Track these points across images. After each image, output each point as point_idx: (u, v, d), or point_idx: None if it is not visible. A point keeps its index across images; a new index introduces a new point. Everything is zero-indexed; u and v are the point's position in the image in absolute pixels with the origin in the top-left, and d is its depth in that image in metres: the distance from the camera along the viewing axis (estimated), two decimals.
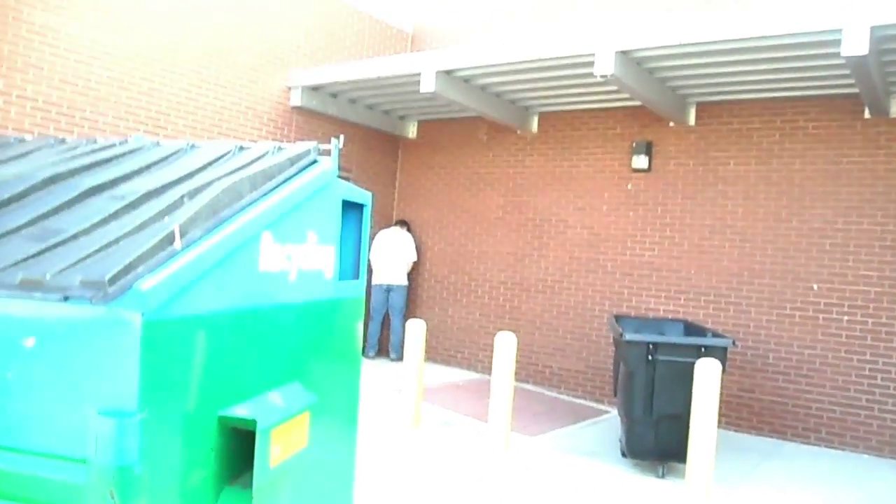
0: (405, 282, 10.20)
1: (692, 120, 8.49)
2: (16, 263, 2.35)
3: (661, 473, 6.04)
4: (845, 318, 7.43)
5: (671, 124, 8.57)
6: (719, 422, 5.57)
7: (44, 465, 2.20)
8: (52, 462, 2.19)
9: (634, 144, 8.78)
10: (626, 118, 8.94)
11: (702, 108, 8.44)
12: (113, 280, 2.12)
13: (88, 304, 2.14)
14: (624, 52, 6.94)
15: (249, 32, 8.66)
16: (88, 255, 2.33)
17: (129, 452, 2.10)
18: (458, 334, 10.27)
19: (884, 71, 6.56)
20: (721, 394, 5.51)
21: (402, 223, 10.51)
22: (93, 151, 3.48)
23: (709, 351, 5.81)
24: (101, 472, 2.08)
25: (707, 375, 5.39)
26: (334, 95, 9.61)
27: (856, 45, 5.67)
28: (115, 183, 2.98)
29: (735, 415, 7.89)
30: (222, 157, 3.30)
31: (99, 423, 2.09)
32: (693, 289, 8.35)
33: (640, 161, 8.72)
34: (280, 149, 3.30)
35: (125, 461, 2.09)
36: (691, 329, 7.06)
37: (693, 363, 5.55)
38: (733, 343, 6.04)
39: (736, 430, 7.82)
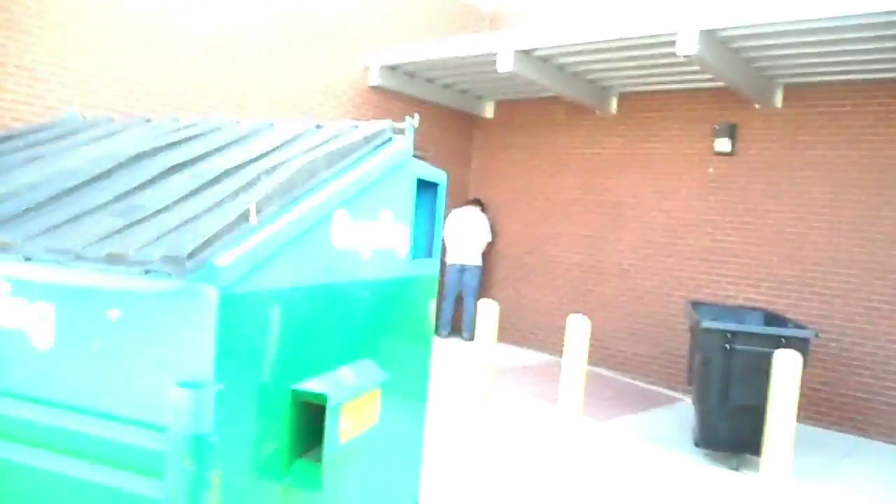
0: (479, 262, 10.20)
1: (779, 102, 8.19)
2: (101, 238, 2.44)
3: (734, 465, 5.90)
4: None
5: (757, 106, 8.28)
6: (798, 415, 5.40)
7: (126, 430, 2.29)
8: (134, 428, 2.28)
9: (717, 127, 8.53)
10: (708, 100, 8.69)
11: (790, 90, 8.13)
12: (191, 255, 2.18)
13: (168, 278, 2.20)
14: (708, 32, 6.73)
15: (328, 13, 8.74)
16: (169, 231, 2.40)
17: (205, 422, 2.16)
18: (531, 316, 10.22)
19: None
20: (801, 387, 5.34)
21: (477, 202, 10.49)
22: (176, 130, 3.58)
23: (789, 342, 5.63)
24: (177, 440, 2.15)
25: (786, 367, 5.23)
26: (411, 75, 9.64)
27: None
28: (196, 160, 3.06)
29: (815, 409, 7.64)
30: (299, 135, 3.34)
31: (177, 393, 2.16)
32: (774, 277, 8.09)
33: (723, 144, 8.47)
34: (356, 127, 3.33)
35: (201, 430, 2.16)
36: (771, 319, 6.85)
37: (772, 354, 5.39)
38: (816, 335, 5.83)
39: (815, 425, 7.57)
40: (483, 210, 10.45)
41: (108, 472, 2.32)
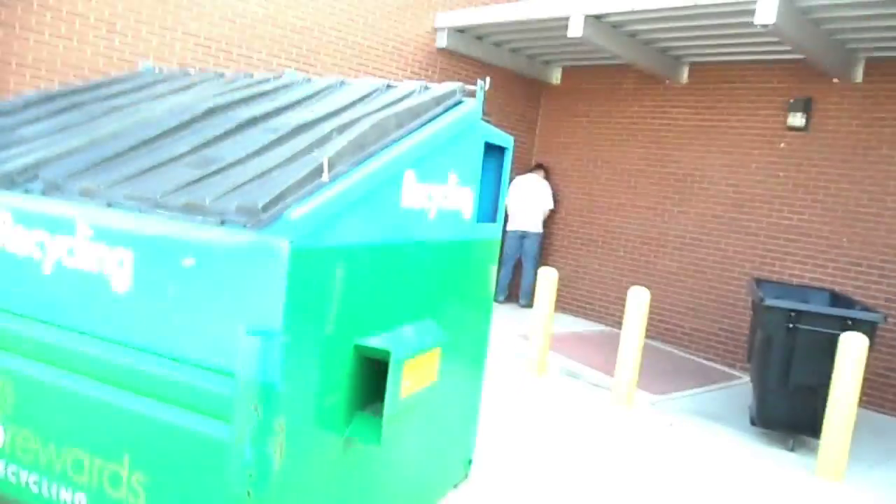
0: (540, 229, 10.14)
1: (859, 77, 7.88)
2: (178, 188, 2.52)
3: (790, 446, 5.82)
4: None
5: (835, 81, 8.00)
6: (860, 400, 5.28)
7: (196, 374, 2.38)
8: (204, 372, 2.37)
9: (792, 101, 8.27)
10: (784, 73, 8.42)
11: (872, 64, 7.82)
12: (265, 208, 2.23)
13: (243, 230, 2.27)
14: (789, 1, 6.50)
15: None
16: (244, 184, 2.46)
17: (273, 371, 2.24)
18: (589, 286, 10.17)
19: None
20: (865, 371, 5.22)
21: (540, 167, 10.41)
22: (249, 86, 3.64)
23: (856, 324, 5.49)
24: (245, 386, 2.23)
25: (852, 350, 5.11)
26: (480, 38, 9.56)
27: None
28: (269, 116, 3.12)
29: (878, 394, 7.46)
30: (370, 94, 3.37)
31: (246, 341, 2.23)
32: (844, 257, 7.87)
33: (797, 119, 8.22)
34: (426, 88, 3.34)
35: (268, 378, 2.23)
36: (838, 300, 6.68)
37: (837, 336, 5.27)
38: (884, 319, 5.68)
39: (878, 411, 7.40)
40: (546, 175, 10.36)
41: (178, 413, 2.42)
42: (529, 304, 9.20)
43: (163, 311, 2.46)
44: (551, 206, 10.22)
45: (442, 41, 9.27)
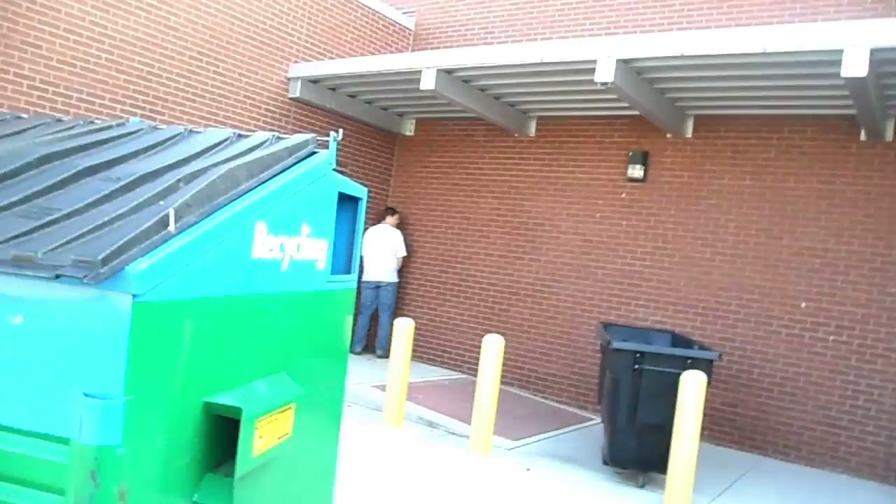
0: (395, 279, 10.19)
1: (689, 132, 8.52)
2: (7, 240, 2.33)
3: (640, 483, 6.05)
4: (831, 337, 7.47)
5: (668, 136, 8.60)
6: (701, 434, 5.59)
7: (29, 443, 2.19)
8: (38, 441, 2.18)
9: (631, 154, 8.81)
10: (624, 127, 8.97)
11: (700, 120, 8.48)
12: (106, 260, 2.11)
13: (80, 284, 2.12)
14: (625, 61, 6.95)
15: (251, 21, 8.64)
16: (81, 235, 2.32)
17: (114, 434, 2.09)
18: (445, 334, 10.26)
19: (882, 94, 6.60)
20: (705, 406, 5.53)
21: (391, 210, 10.47)
22: (89, 132, 3.46)
23: (695, 363, 5.83)
24: (83, 453, 2.07)
25: (692, 387, 5.41)
26: (333, 89, 9.60)
27: (856, 66, 5.69)
28: (111, 164, 2.96)
29: (717, 428, 7.92)
30: (220, 143, 3.29)
31: (85, 405, 2.08)
32: (682, 300, 8.37)
33: (636, 171, 8.75)
34: (278, 138, 3.29)
35: (109, 442, 2.09)
36: (678, 340, 7.08)
37: (679, 374, 5.57)
38: (719, 357, 6.06)
39: (717, 444, 7.85)
40: (399, 219, 10.43)
41: (10, 490, 2.21)
42: (386, 355, 9.17)
43: None
44: (404, 253, 10.29)
45: (295, 91, 9.24)
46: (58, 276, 2.13)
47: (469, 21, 10.54)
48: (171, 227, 2.32)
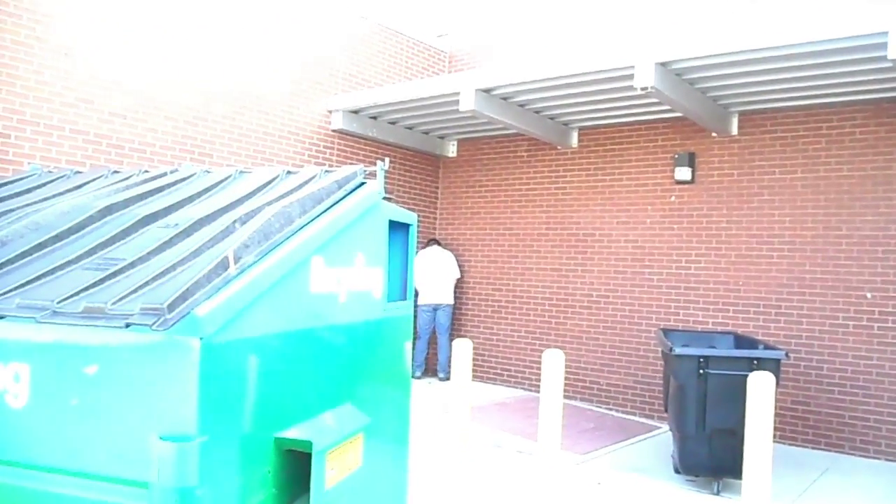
0: (451, 300, 10.19)
1: (735, 130, 8.39)
2: (77, 293, 2.42)
3: (716, 490, 5.92)
4: None
5: (713, 135, 8.48)
6: (774, 436, 5.45)
7: (108, 489, 2.25)
8: (116, 486, 2.24)
9: (677, 156, 8.70)
10: (667, 130, 8.88)
11: (744, 117, 8.34)
12: (172, 306, 2.17)
13: (149, 331, 2.18)
14: (663, 64, 6.90)
15: (290, 58, 8.80)
16: (146, 283, 2.39)
17: (190, 475, 2.13)
18: (504, 352, 10.23)
19: None
20: (775, 407, 5.40)
21: (435, 241, 10.52)
22: (145, 181, 3.57)
23: (761, 363, 5.70)
24: (163, 495, 2.12)
25: (761, 389, 5.28)
26: (374, 118, 9.71)
27: None
28: (168, 211, 3.05)
29: (790, 429, 7.71)
30: (271, 181, 3.35)
31: (160, 448, 2.13)
32: (742, 301, 8.21)
33: (683, 173, 8.63)
34: (327, 172, 3.35)
35: (186, 484, 2.13)
36: (742, 341, 6.93)
37: (746, 376, 5.44)
38: (786, 355, 5.92)
39: (791, 444, 7.64)
40: (443, 248, 10.48)
41: None
42: (448, 377, 9.16)
43: (66, 425, 2.32)
44: (458, 274, 10.31)
45: (337, 123, 9.37)
46: (128, 325, 2.20)
47: (503, 37, 10.57)
48: (232, 269, 2.37)
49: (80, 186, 3.61)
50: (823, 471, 6.75)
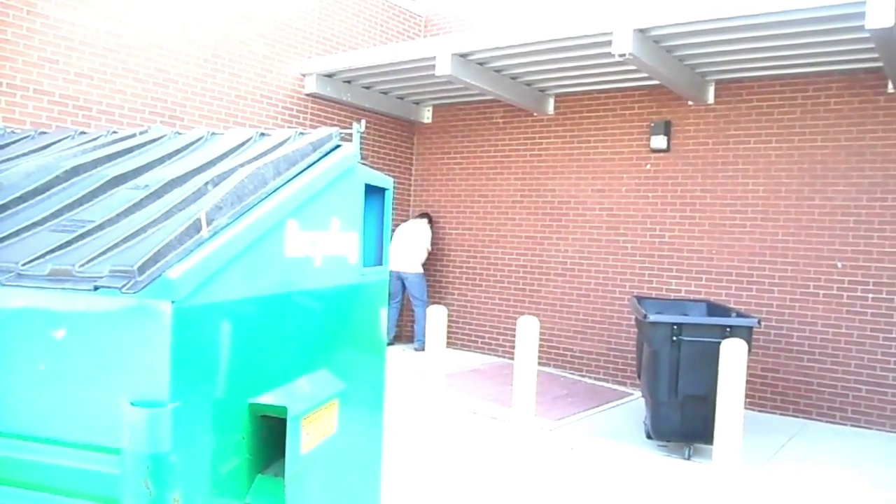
0: (419, 269, 10.09)
1: (711, 98, 8.38)
2: (43, 255, 2.34)
3: (687, 455, 6.00)
4: (870, 296, 7.34)
5: (690, 103, 8.47)
6: (744, 402, 5.52)
7: (79, 455, 2.20)
8: (87, 452, 2.19)
9: (653, 125, 8.69)
10: (643, 98, 8.85)
11: (721, 86, 8.33)
12: (142, 269, 2.10)
13: (118, 294, 2.12)
14: (642, 31, 6.85)
15: (262, 20, 8.62)
16: (116, 245, 2.32)
17: (163, 441, 2.09)
18: (478, 319, 10.24)
19: None
20: (746, 374, 5.46)
21: (424, 215, 10.46)
22: (113, 142, 3.46)
23: (734, 331, 5.76)
24: (135, 462, 2.07)
25: (733, 356, 5.33)
26: (348, 82, 9.57)
27: (880, 16, 5.55)
28: (137, 172, 2.96)
29: (759, 395, 7.83)
30: (244, 144, 3.27)
31: (132, 414, 2.08)
32: (715, 269, 8.27)
33: (659, 141, 8.63)
34: (302, 134, 3.27)
35: (159, 450, 2.08)
36: (715, 309, 6.99)
37: (718, 343, 5.49)
38: (758, 323, 5.98)
39: (760, 411, 7.76)
40: (430, 222, 10.41)
41: (60, 502, 2.22)
42: (423, 348, 9.16)
43: (34, 391, 2.26)
44: (428, 247, 10.22)
45: (311, 87, 9.22)
46: (96, 288, 2.13)
47: (480, 1, 10.43)
48: (204, 231, 2.31)
49: (45, 147, 3.50)
50: (791, 436, 6.87)
